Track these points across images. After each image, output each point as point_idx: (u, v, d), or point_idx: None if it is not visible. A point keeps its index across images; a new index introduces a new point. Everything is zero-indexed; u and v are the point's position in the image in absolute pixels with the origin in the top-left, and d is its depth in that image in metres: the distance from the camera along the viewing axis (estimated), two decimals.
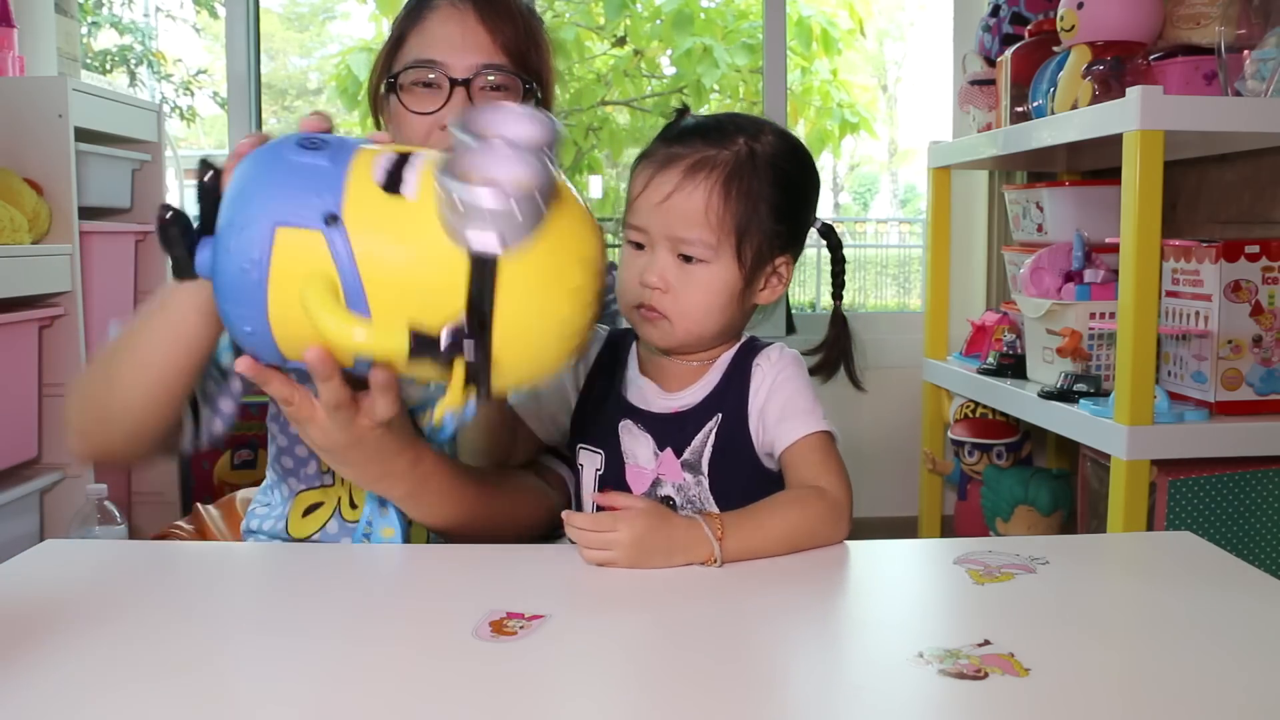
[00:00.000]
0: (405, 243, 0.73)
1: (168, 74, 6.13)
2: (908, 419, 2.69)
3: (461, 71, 1.09)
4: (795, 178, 1.03)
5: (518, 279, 0.72)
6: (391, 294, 0.73)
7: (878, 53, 5.90)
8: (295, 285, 0.72)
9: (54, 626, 0.76)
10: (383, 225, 0.73)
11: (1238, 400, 1.69)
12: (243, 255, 0.73)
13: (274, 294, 0.73)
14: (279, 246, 0.73)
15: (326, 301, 0.72)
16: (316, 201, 0.73)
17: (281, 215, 0.73)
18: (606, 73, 4.27)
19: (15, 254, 2.09)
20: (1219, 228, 2.05)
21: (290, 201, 0.73)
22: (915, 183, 6.08)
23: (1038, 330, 2.05)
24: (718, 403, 1.02)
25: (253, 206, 0.74)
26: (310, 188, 0.73)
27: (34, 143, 2.25)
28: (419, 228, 0.72)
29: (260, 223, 0.73)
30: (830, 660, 0.73)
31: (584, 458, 1.08)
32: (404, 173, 0.74)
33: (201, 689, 0.68)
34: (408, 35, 1.13)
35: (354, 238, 0.72)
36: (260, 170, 0.75)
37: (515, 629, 0.75)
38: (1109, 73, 1.78)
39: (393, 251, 0.73)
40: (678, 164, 0.99)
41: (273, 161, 0.75)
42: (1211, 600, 0.82)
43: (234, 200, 0.75)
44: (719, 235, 0.98)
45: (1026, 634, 0.74)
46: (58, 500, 2.25)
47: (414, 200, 0.73)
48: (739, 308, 1.02)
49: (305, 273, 0.72)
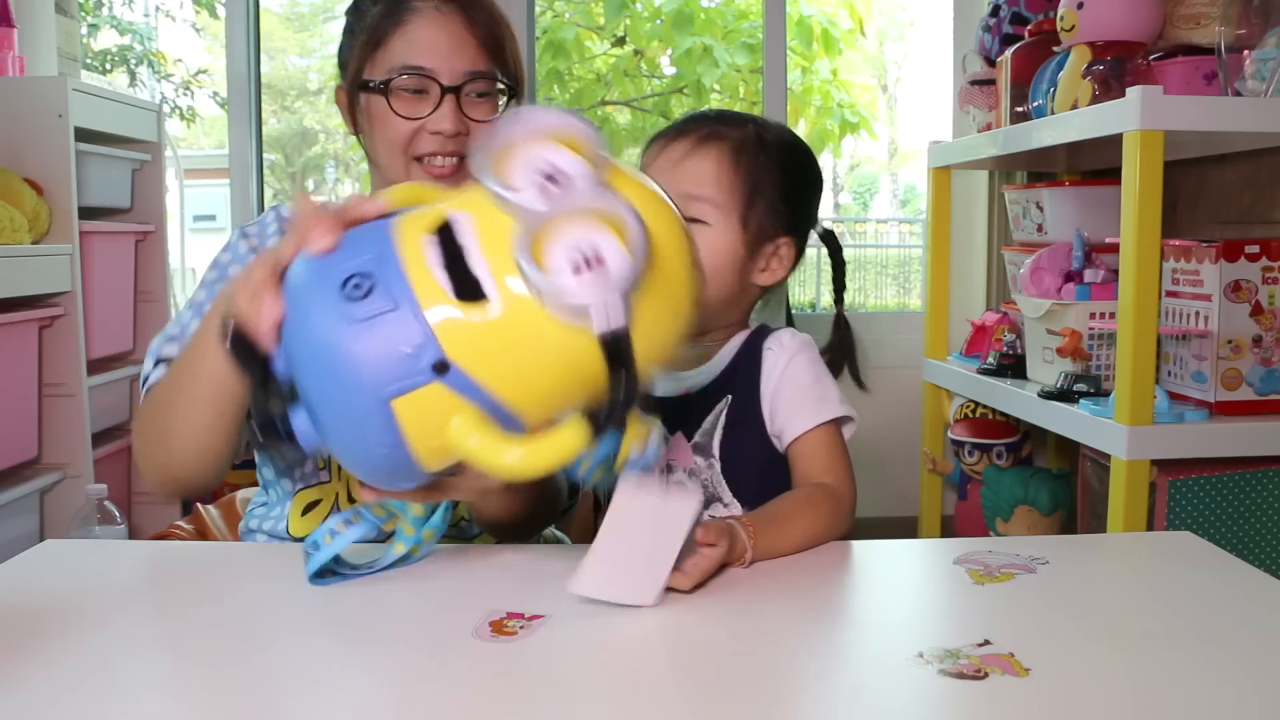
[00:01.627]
0: (527, 350, 0.67)
1: (168, 74, 6.13)
2: (908, 419, 2.69)
3: (451, 79, 1.10)
4: (800, 165, 1.07)
5: (644, 319, 0.68)
6: (538, 399, 0.70)
7: (878, 53, 5.90)
8: (435, 438, 0.69)
9: (54, 626, 0.76)
10: (494, 346, 0.67)
11: (1238, 400, 1.69)
12: (364, 435, 0.69)
13: (414, 448, 0.69)
14: (402, 415, 0.68)
15: (484, 439, 0.68)
16: (415, 359, 0.66)
17: (388, 389, 0.67)
18: (606, 73, 4.27)
19: (15, 254, 2.09)
20: (1219, 228, 2.05)
21: (388, 371, 0.67)
22: (915, 183, 6.08)
23: (1038, 330, 2.04)
24: (727, 385, 1.03)
25: (347, 387, 0.68)
26: (398, 347, 0.66)
27: (34, 143, 2.25)
28: (530, 332, 0.67)
29: (368, 403, 0.67)
30: (830, 660, 0.73)
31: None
32: (469, 268, 0.67)
33: (201, 689, 0.68)
34: (389, 37, 1.12)
35: (473, 372, 0.67)
36: (328, 339, 0.68)
37: (515, 629, 0.75)
38: (1109, 73, 1.78)
39: (520, 366, 0.68)
40: (690, 135, 1.04)
41: (336, 328, 0.67)
42: (1211, 600, 0.82)
43: (318, 377, 0.69)
44: (728, 198, 1.01)
45: (1026, 634, 0.74)
46: (58, 500, 2.25)
47: (504, 307, 0.66)
48: (739, 281, 1.03)
49: (441, 424, 0.68)
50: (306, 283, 0.70)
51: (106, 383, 2.41)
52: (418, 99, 1.11)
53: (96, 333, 2.34)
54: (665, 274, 0.69)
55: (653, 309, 0.69)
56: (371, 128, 1.15)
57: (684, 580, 0.81)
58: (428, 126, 1.10)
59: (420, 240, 0.68)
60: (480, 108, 1.13)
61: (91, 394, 2.32)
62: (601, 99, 4.34)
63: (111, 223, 2.52)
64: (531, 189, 0.65)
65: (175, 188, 2.92)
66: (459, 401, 0.68)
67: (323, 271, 0.69)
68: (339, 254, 0.70)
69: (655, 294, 0.69)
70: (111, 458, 2.45)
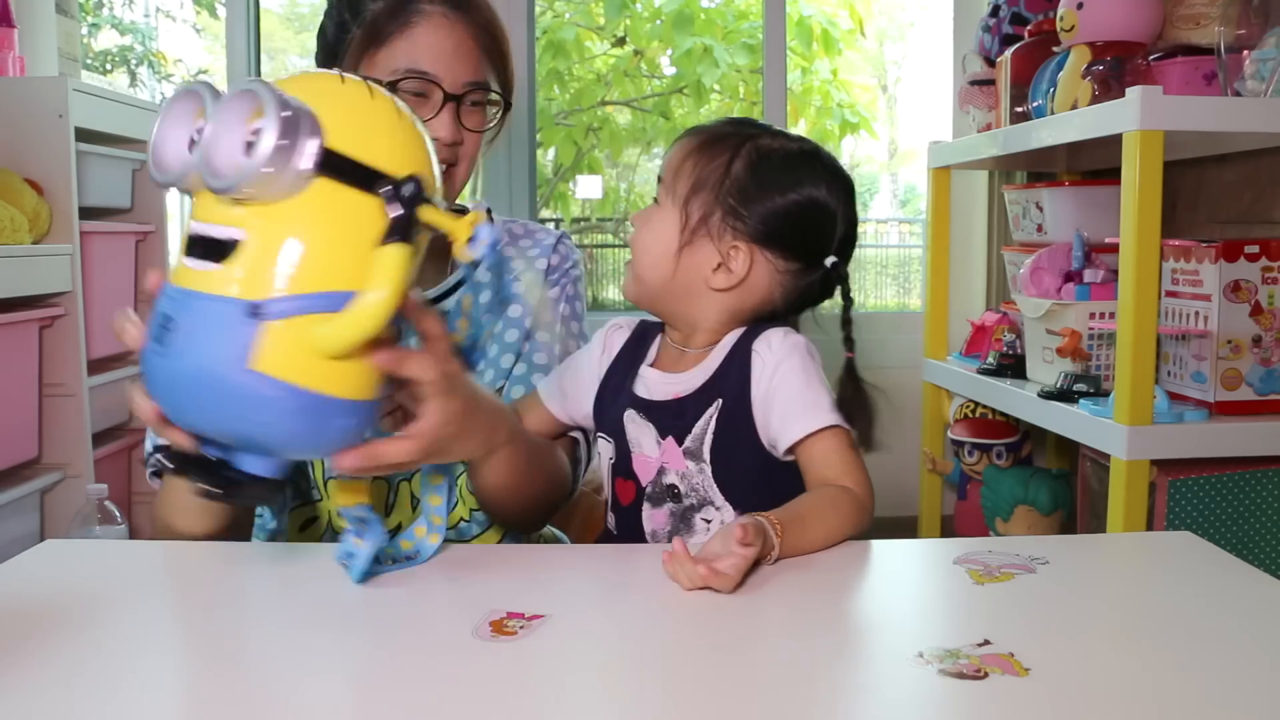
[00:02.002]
0: (296, 245, 0.72)
1: (168, 74, 6.13)
2: (907, 419, 2.69)
3: (453, 86, 1.11)
4: (777, 176, 1.02)
5: (352, 136, 0.73)
6: (343, 267, 0.73)
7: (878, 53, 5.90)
8: (311, 363, 0.72)
9: (54, 626, 0.76)
10: (266, 264, 0.72)
11: (1237, 400, 1.69)
12: (269, 412, 0.73)
13: (310, 385, 0.73)
14: (269, 368, 0.71)
15: (333, 322, 0.71)
16: (229, 326, 0.71)
17: (240, 362, 0.72)
18: (606, 73, 4.27)
19: (15, 254, 2.09)
20: (1219, 228, 2.05)
21: (224, 352, 0.72)
22: (915, 183, 6.07)
23: (1037, 330, 2.05)
24: (717, 388, 1.02)
25: (219, 395, 0.72)
26: (213, 331, 0.72)
27: (34, 143, 2.25)
28: (276, 228, 0.72)
29: (240, 385, 0.72)
30: (830, 660, 0.73)
31: (601, 446, 1.10)
32: (214, 239, 0.72)
33: (202, 688, 0.68)
34: (392, 37, 1.11)
35: (275, 294, 0.71)
36: (176, 376, 0.73)
37: (515, 629, 0.75)
38: (1109, 73, 1.78)
39: (301, 261, 0.72)
40: (703, 132, 1.06)
41: (170, 365, 0.73)
42: (1211, 600, 0.82)
43: (201, 412, 0.74)
44: (678, 183, 1.03)
45: (1026, 634, 0.74)
46: (58, 500, 2.25)
47: (247, 233, 0.72)
48: (675, 269, 1.02)
49: (303, 349, 0.72)
50: (145, 367, 0.75)
51: (107, 383, 2.40)
52: (416, 103, 1.10)
53: (97, 333, 2.34)
54: (346, 101, 0.74)
55: (352, 124, 0.73)
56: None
57: (725, 581, 0.81)
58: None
59: (182, 260, 0.75)
60: (474, 117, 1.13)
61: (92, 394, 2.32)
62: (601, 99, 4.34)
63: (112, 223, 2.52)
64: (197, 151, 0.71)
65: None
66: (294, 322, 0.71)
67: (144, 349, 0.75)
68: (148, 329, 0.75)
69: (346, 115, 0.73)
70: (112, 458, 2.45)
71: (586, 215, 4.48)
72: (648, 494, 1.04)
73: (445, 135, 1.10)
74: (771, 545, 0.88)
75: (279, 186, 0.69)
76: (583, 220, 4.44)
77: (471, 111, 1.13)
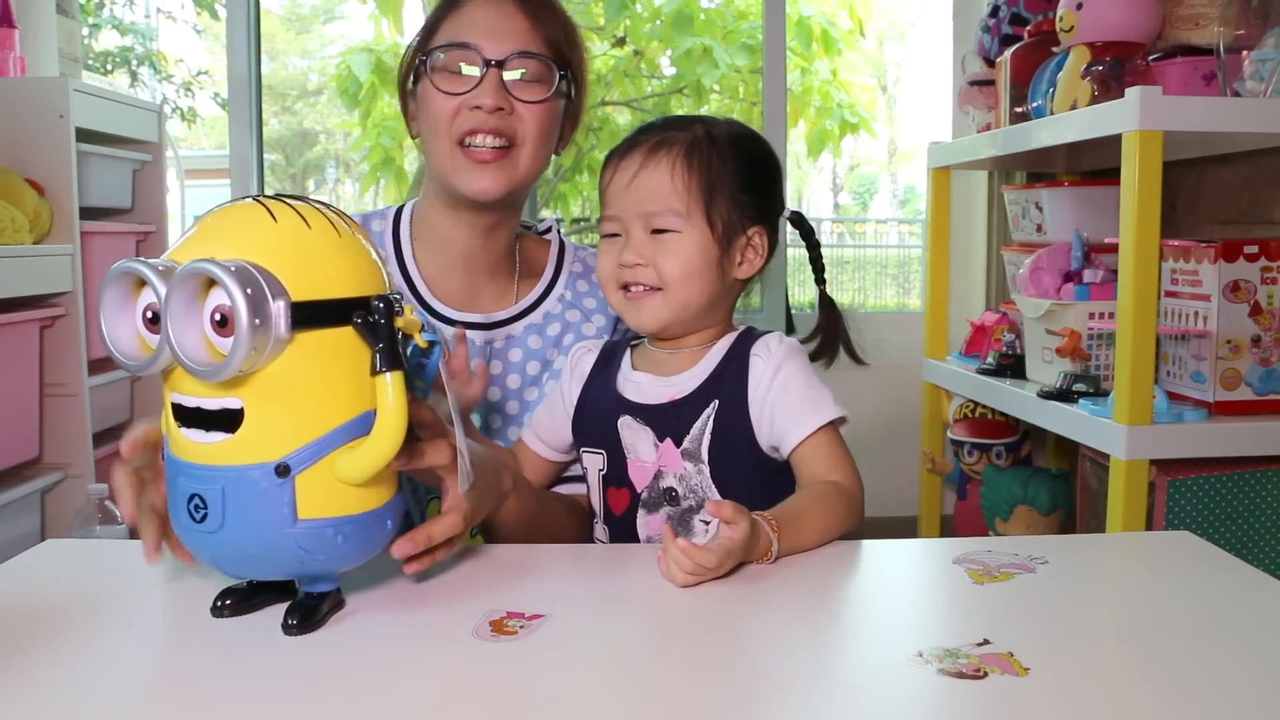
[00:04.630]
0: (292, 396, 0.73)
1: (169, 75, 6.13)
2: (907, 419, 2.69)
3: (495, 54, 1.09)
4: (755, 153, 1.07)
5: (302, 275, 0.72)
6: (336, 405, 0.75)
7: (877, 53, 5.90)
8: (337, 491, 0.75)
9: (55, 626, 0.77)
10: (277, 422, 0.73)
11: (1237, 400, 1.69)
12: (332, 542, 0.77)
13: (338, 511, 0.76)
14: (309, 510, 0.75)
15: (350, 455, 0.75)
16: (266, 494, 0.73)
17: (284, 522, 0.75)
18: (606, 73, 4.27)
19: (16, 254, 2.09)
20: (1218, 228, 2.05)
21: (267, 517, 0.74)
22: (915, 183, 6.08)
23: (1037, 330, 2.05)
24: (714, 389, 1.02)
25: (273, 556, 0.76)
26: (252, 504, 0.74)
27: (35, 143, 2.25)
28: (279, 387, 0.73)
29: (290, 541, 0.75)
30: (830, 660, 0.73)
31: (587, 460, 1.09)
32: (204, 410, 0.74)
33: (202, 689, 0.68)
34: (442, 22, 1.13)
35: (289, 448, 0.73)
36: (227, 554, 0.77)
37: (515, 629, 0.75)
38: (1108, 73, 1.78)
39: (301, 410, 0.74)
40: (640, 148, 1.03)
41: (214, 541, 0.75)
42: (1210, 600, 0.83)
43: (260, 571, 0.79)
44: (687, 202, 1.01)
45: (1026, 634, 0.75)
46: (59, 500, 2.25)
47: (243, 401, 0.72)
48: (719, 277, 1.03)
49: (329, 484, 0.75)
50: (186, 543, 0.79)
51: (107, 382, 2.41)
52: (462, 77, 1.10)
53: (98, 333, 2.34)
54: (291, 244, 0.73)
55: (299, 265, 0.72)
56: (420, 115, 1.15)
57: (709, 556, 0.82)
58: (468, 102, 1.09)
59: (181, 433, 0.75)
60: (529, 89, 1.11)
61: (92, 394, 2.32)
62: (601, 99, 4.34)
63: (112, 223, 2.52)
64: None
65: (176, 188, 2.93)
66: (322, 464, 0.74)
67: (177, 528, 0.78)
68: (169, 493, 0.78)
69: (296, 263, 0.72)
70: (112, 458, 2.44)
71: (586, 215, 4.48)
72: (643, 500, 1.04)
73: (488, 101, 1.08)
74: (769, 544, 0.88)
75: (262, 359, 0.70)
76: (582, 220, 4.44)
77: (525, 85, 1.11)
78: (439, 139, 1.12)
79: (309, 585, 0.79)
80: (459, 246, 1.20)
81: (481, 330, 1.19)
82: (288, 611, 0.76)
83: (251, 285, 0.68)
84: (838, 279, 5.28)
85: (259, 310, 0.68)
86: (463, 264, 1.21)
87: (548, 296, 1.23)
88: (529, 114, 1.11)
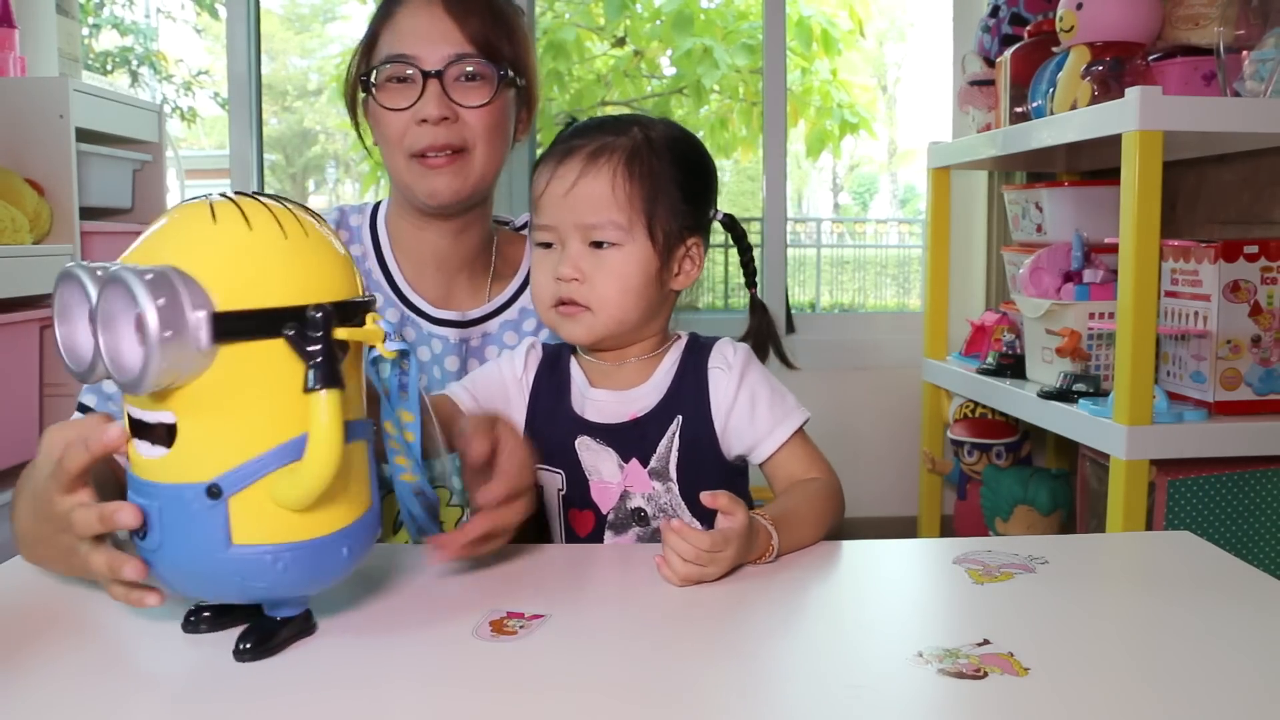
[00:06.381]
0: (219, 417, 0.69)
1: (169, 75, 6.14)
2: (907, 419, 2.69)
3: (432, 63, 1.09)
4: (693, 159, 1.03)
5: (229, 282, 0.68)
6: (273, 425, 0.70)
7: (877, 53, 5.90)
8: (271, 516, 0.70)
9: (54, 627, 0.77)
10: (207, 439, 0.69)
11: (1236, 400, 1.69)
12: (262, 567, 0.72)
13: (284, 539, 0.71)
14: (241, 535, 0.70)
15: (286, 479, 0.69)
16: (198, 515, 0.69)
17: (219, 546, 0.70)
18: (606, 73, 4.27)
19: (16, 254, 2.09)
20: (1218, 228, 2.05)
21: (201, 540, 0.70)
22: (915, 183, 6.08)
23: (1037, 330, 2.05)
24: (674, 405, 1.00)
25: (210, 574, 0.72)
26: (186, 525, 0.70)
27: (35, 143, 2.25)
28: (206, 403, 0.68)
29: (226, 562, 0.71)
30: (830, 660, 0.73)
31: (543, 478, 1.03)
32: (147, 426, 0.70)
33: (202, 689, 0.68)
34: (380, 33, 1.12)
35: (220, 470, 0.69)
36: (167, 575, 0.73)
37: (515, 629, 0.75)
38: (1108, 73, 1.78)
39: (231, 430, 0.69)
40: (577, 154, 0.98)
41: (161, 562, 0.72)
42: (1210, 600, 0.83)
43: (199, 590, 0.74)
44: (629, 215, 0.97)
45: (1026, 634, 0.75)
46: None
47: (174, 414, 0.68)
48: (658, 290, 1.00)
49: (265, 508, 0.70)
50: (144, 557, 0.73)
51: None
52: (404, 88, 1.09)
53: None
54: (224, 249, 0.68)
55: (225, 268, 0.68)
56: (373, 128, 1.15)
57: (705, 539, 0.83)
58: (415, 115, 1.09)
59: (134, 444, 0.72)
60: (471, 93, 1.10)
61: None
62: (601, 100, 4.34)
63: (112, 223, 2.52)
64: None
65: (176, 188, 2.93)
66: (257, 487, 0.69)
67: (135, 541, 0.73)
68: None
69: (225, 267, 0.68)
70: None
71: None
72: (610, 521, 1.01)
73: (432, 113, 1.08)
74: (767, 542, 0.88)
75: (184, 372, 0.66)
76: None
77: (467, 88, 1.10)
78: (393, 152, 1.12)
79: (271, 609, 0.74)
80: (429, 248, 1.19)
81: (458, 329, 1.19)
82: (242, 635, 0.72)
83: (166, 294, 0.63)
84: (838, 279, 5.28)
85: (172, 321, 0.63)
86: (435, 264, 1.20)
87: (523, 292, 1.22)
88: (475, 118, 1.11)
